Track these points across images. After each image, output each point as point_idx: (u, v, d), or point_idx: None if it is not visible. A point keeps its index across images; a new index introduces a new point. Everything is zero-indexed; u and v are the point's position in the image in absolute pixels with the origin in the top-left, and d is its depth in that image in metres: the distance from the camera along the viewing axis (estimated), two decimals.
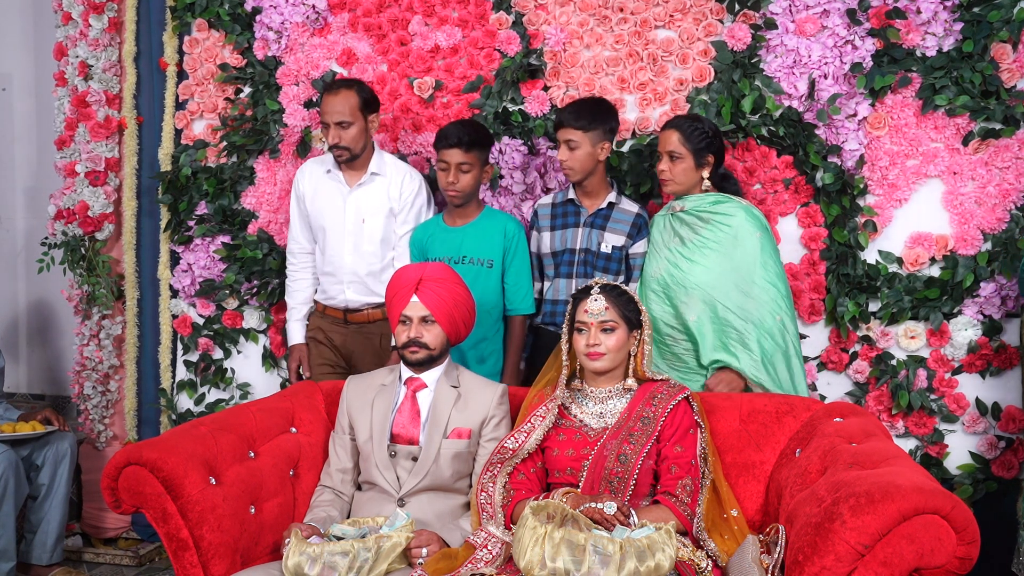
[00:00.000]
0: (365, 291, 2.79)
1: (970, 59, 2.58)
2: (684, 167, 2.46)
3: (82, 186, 3.26)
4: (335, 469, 2.17)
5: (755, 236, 2.41)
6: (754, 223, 2.43)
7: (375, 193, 2.78)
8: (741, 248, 2.41)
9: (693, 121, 2.48)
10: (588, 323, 2.04)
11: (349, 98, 2.69)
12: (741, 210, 2.44)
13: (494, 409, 2.14)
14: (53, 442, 2.95)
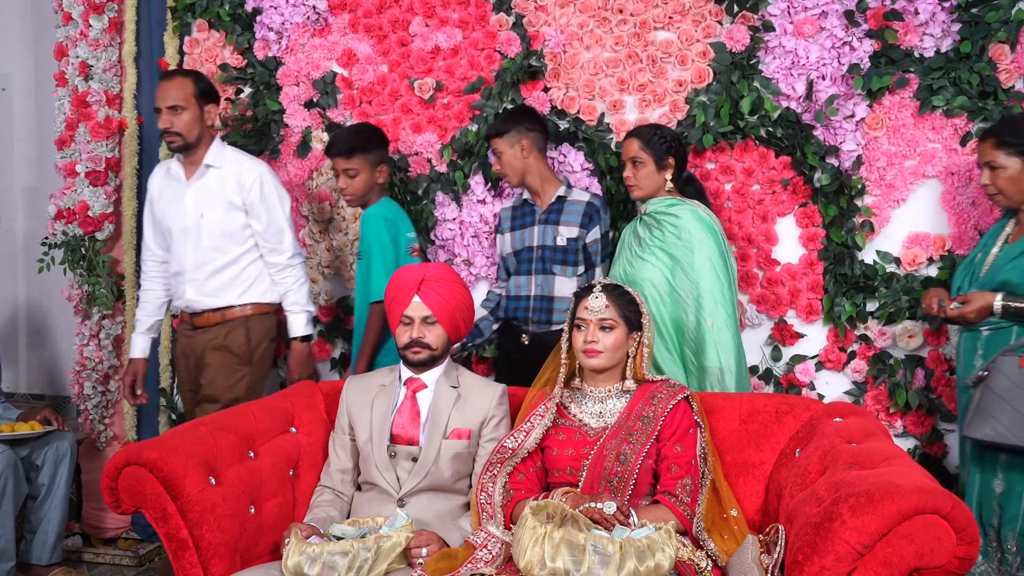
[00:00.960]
0: (204, 292, 2.74)
1: (968, 60, 2.58)
2: (647, 171, 2.55)
3: (82, 186, 3.26)
4: (335, 469, 2.17)
5: (698, 237, 2.47)
6: (700, 224, 2.49)
7: (211, 186, 2.73)
8: (684, 248, 2.47)
9: (652, 128, 2.59)
10: (587, 320, 2.04)
11: (184, 84, 2.68)
12: (688, 211, 2.51)
13: (494, 409, 2.14)
14: (53, 442, 2.95)
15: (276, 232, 2.74)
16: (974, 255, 2.38)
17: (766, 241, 2.79)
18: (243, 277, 2.75)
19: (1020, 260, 2.21)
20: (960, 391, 2.37)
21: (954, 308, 2.26)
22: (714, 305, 2.44)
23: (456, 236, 3.04)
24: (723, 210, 2.82)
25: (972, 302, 2.22)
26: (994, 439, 2.13)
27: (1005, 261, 2.25)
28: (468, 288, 2.23)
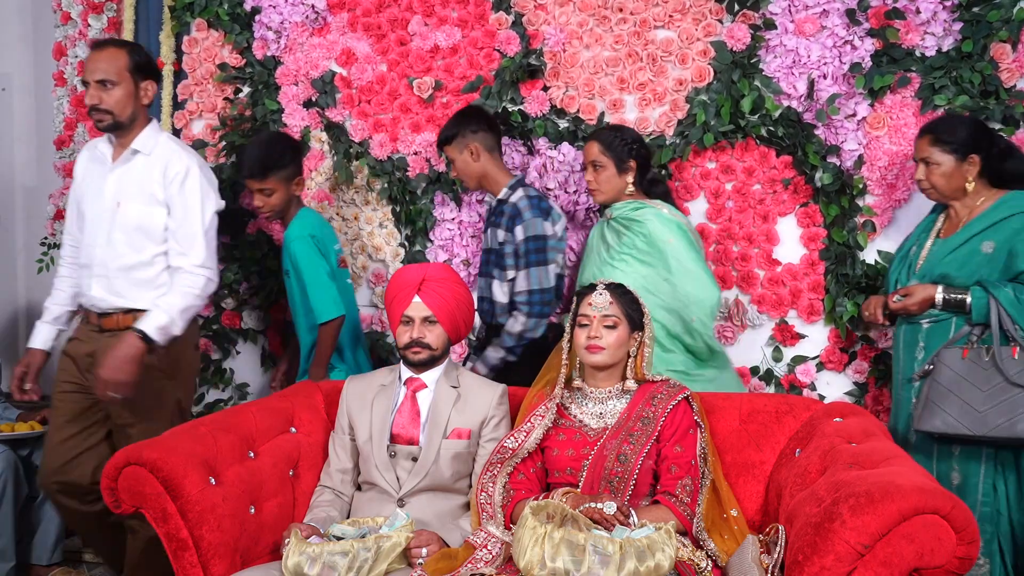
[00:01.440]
0: (112, 291, 2.43)
1: (969, 59, 2.58)
2: (607, 175, 2.54)
3: None
4: (335, 469, 2.17)
5: (667, 241, 2.47)
6: (667, 227, 2.48)
7: (134, 173, 2.44)
8: (655, 255, 2.47)
9: (613, 131, 2.58)
10: (591, 316, 2.04)
11: (117, 56, 2.39)
12: (653, 215, 2.50)
13: (494, 409, 2.14)
14: None
15: (188, 235, 2.42)
16: (907, 249, 2.43)
17: (767, 241, 2.79)
18: (160, 281, 2.44)
19: (957, 253, 2.27)
20: (899, 385, 2.39)
21: (897, 300, 2.30)
22: (697, 306, 2.45)
23: (455, 236, 3.03)
24: (724, 210, 2.82)
25: (915, 294, 2.27)
26: (944, 430, 2.17)
27: (942, 255, 2.30)
28: (468, 288, 2.22)
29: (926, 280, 2.30)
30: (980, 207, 2.29)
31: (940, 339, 2.26)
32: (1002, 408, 2.12)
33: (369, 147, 3.09)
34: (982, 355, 2.17)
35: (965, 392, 2.15)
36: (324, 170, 3.14)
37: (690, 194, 2.84)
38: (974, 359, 2.17)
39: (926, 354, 2.29)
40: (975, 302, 2.21)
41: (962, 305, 2.22)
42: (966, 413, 2.14)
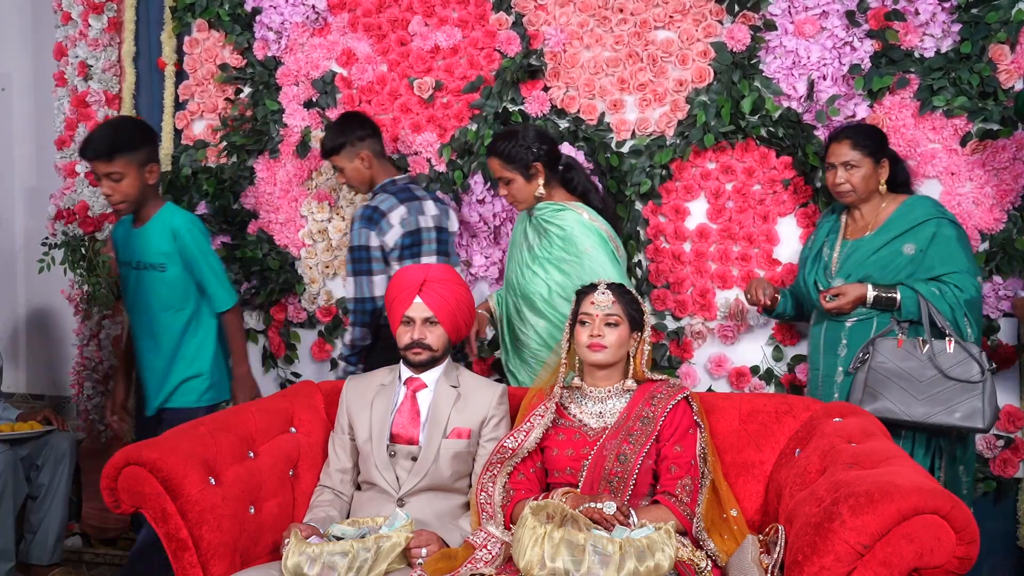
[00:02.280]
0: None
1: (968, 60, 2.58)
2: (517, 186, 2.49)
3: (82, 186, 3.26)
4: (334, 469, 2.17)
5: (586, 251, 2.44)
6: (586, 233, 2.45)
7: None
8: (574, 262, 2.44)
9: (508, 141, 2.48)
10: (594, 315, 2.04)
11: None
12: (574, 219, 2.47)
13: (494, 409, 2.14)
14: (53, 442, 2.95)
15: None
16: (817, 251, 2.49)
17: (767, 241, 2.79)
18: None
19: (880, 255, 2.36)
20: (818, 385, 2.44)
21: (830, 300, 2.35)
22: None
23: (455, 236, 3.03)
24: (724, 210, 2.82)
25: (847, 294, 2.33)
26: (884, 415, 2.23)
27: (864, 256, 2.38)
28: (468, 288, 2.23)
29: (851, 280, 2.37)
30: (886, 210, 2.41)
31: (863, 337, 2.35)
32: (937, 398, 2.24)
33: None
34: (916, 346, 2.27)
35: (903, 380, 2.26)
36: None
37: (690, 194, 2.84)
38: (909, 349, 2.28)
39: (849, 352, 2.37)
40: (905, 300, 2.30)
41: (892, 303, 2.31)
42: (904, 399, 2.25)
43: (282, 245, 3.20)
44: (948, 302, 2.28)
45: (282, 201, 3.19)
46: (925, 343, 2.26)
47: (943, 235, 2.31)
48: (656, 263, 2.89)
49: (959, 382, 2.22)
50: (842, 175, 2.39)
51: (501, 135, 2.56)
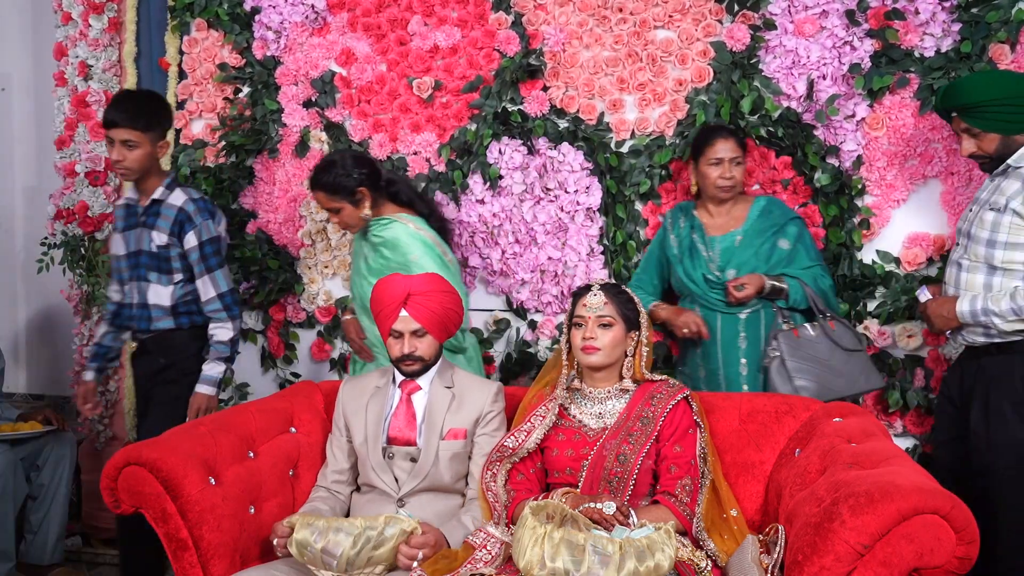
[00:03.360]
0: None
1: (968, 60, 2.58)
2: (346, 213, 2.55)
3: (82, 186, 3.26)
4: (331, 470, 2.17)
5: (412, 259, 2.50)
6: (413, 243, 2.52)
7: None
8: (401, 269, 2.48)
9: (328, 173, 2.52)
10: (586, 317, 2.04)
11: None
12: (400, 230, 2.54)
13: (489, 406, 2.15)
14: (53, 442, 2.95)
15: None
16: (686, 248, 2.60)
17: None
18: None
19: (762, 249, 2.52)
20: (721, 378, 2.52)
21: (739, 289, 2.46)
22: None
23: (454, 236, 3.03)
24: None
25: (751, 283, 2.45)
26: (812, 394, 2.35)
27: (748, 251, 2.53)
28: (456, 293, 2.19)
29: (741, 273, 2.49)
30: (739, 208, 2.60)
31: (755, 327, 2.49)
32: (845, 370, 2.43)
33: (369, 147, 3.09)
34: (807, 332, 2.44)
35: (813, 362, 2.42)
36: None
37: (690, 194, 2.84)
38: (806, 335, 2.44)
39: (748, 344, 2.50)
40: (792, 289, 2.47)
41: (781, 291, 2.46)
42: (823, 378, 2.40)
43: (281, 245, 3.19)
44: (822, 287, 2.50)
45: (281, 201, 3.19)
46: (816, 325, 2.44)
47: (805, 234, 2.57)
48: None
49: (851, 351, 2.44)
50: (729, 171, 2.52)
51: (320, 168, 2.57)
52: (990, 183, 2.25)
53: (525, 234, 2.94)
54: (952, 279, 2.28)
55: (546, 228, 2.93)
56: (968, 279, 2.22)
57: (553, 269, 2.94)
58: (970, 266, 2.22)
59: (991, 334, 2.18)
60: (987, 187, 2.26)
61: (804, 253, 2.54)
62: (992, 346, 2.19)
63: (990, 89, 2.15)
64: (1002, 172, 2.21)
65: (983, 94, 2.14)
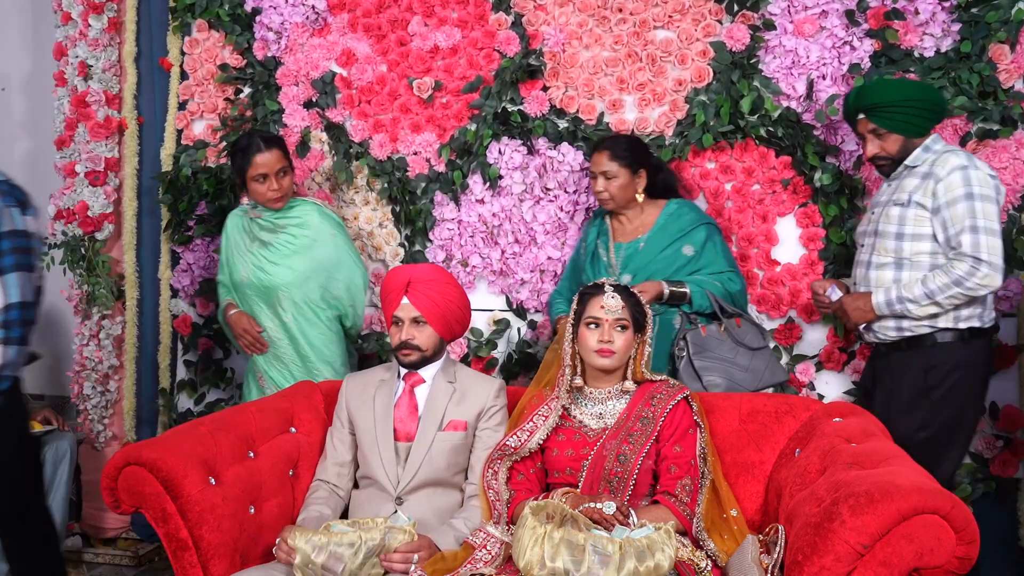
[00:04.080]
0: None
1: (968, 60, 2.58)
2: (291, 178, 2.68)
3: (82, 186, 3.25)
4: (332, 463, 2.17)
5: (331, 235, 2.69)
6: (329, 223, 2.70)
7: None
8: (321, 248, 2.67)
9: (278, 138, 2.71)
10: (604, 319, 2.03)
11: None
12: (316, 212, 2.70)
13: (492, 400, 2.15)
14: (53, 442, 2.95)
15: None
16: (591, 254, 2.64)
17: (766, 241, 2.79)
18: None
19: (664, 255, 2.54)
20: None
21: None
22: (359, 293, 2.72)
23: (454, 236, 3.03)
24: (723, 210, 2.82)
25: (648, 290, 2.43)
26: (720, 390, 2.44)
27: (649, 256, 2.55)
28: (461, 288, 2.23)
29: (638, 279, 2.50)
30: (650, 214, 2.60)
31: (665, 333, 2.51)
32: (751, 367, 2.49)
33: (369, 147, 3.09)
34: (713, 331, 2.50)
35: (720, 360, 2.48)
36: (324, 170, 3.15)
37: (689, 194, 2.84)
38: (712, 335, 2.49)
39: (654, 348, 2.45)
40: (694, 294, 2.49)
41: (683, 296, 2.49)
42: (730, 374, 2.47)
43: None
44: (728, 290, 2.53)
45: None
46: (723, 325, 2.50)
47: (713, 240, 2.58)
48: None
49: (756, 349, 2.51)
50: (601, 184, 2.55)
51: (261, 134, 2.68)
52: (887, 187, 2.37)
53: (525, 234, 2.95)
54: (861, 279, 2.38)
55: (546, 228, 2.93)
56: (878, 276, 2.32)
57: (553, 269, 2.94)
58: (880, 263, 2.32)
59: (902, 328, 2.29)
60: (884, 191, 2.38)
61: (712, 260, 2.56)
62: (902, 341, 2.30)
63: (898, 92, 2.28)
64: (899, 175, 2.33)
65: (892, 96, 2.26)
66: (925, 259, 2.26)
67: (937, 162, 2.25)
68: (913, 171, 2.30)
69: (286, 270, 2.64)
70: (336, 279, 2.68)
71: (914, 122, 2.26)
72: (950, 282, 2.19)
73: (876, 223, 2.35)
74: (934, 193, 2.22)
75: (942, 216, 2.21)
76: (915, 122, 2.26)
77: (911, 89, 2.31)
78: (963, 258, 2.18)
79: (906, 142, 2.29)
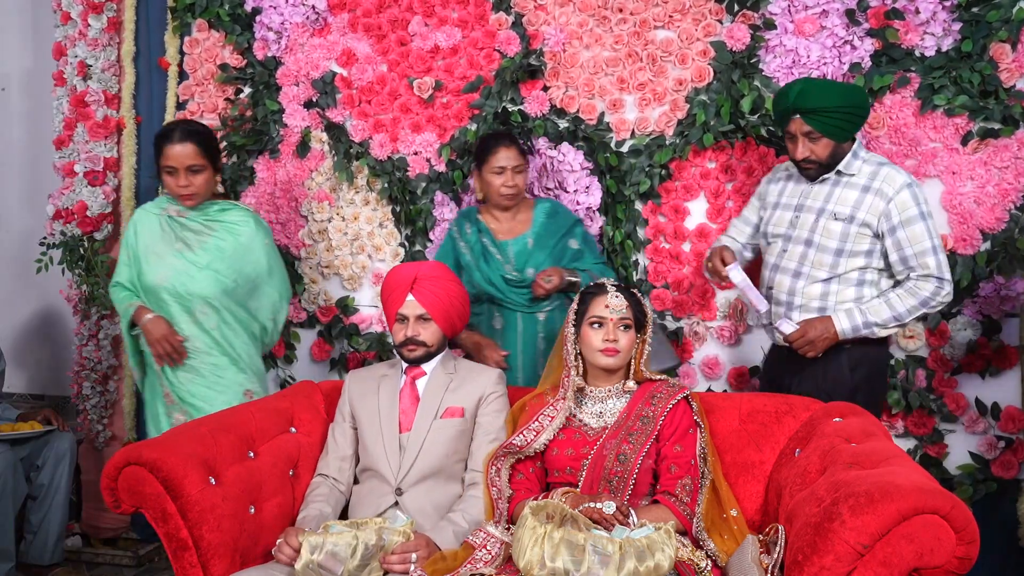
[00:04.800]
0: None
1: (969, 59, 2.58)
2: (205, 177, 2.49)
3: (81, 186, 3.25)
4: (334, 457, 2.18)
5: (263, 244, 2.56)
6: (264, 232, 2.59)
7: None
8: (251, 256, 2.53)
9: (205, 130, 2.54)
10: (608, 319, 2.04)
11: None
12: (251, 219, 2.57)
13: (492, 387, 2.17)
14: (53, 442, 2.95)
15: None
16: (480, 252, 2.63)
17: None
18: None
19: (555, 250, 2.61)
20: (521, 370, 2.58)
21: (548, 281, 2.53)
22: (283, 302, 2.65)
23: None
24: (724, 210, 2.82)
25: (556, 275, 2.52)
26: None
27: (542, 252, 2.60)
28: (462, 285, 2.26)
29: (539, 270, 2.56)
30: (523, 211, 2.68)
31: (553, 325, 2.56)
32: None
33: (369, 147, 3.09)
34: None
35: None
36: (324, 170, 3.15)
37: (690, 194, 2.84)
38: None
39: (547, 343, 2.57)
40: (585, 281, 2.51)
41: (574, 286, 2.54)
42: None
43: (282, 245, 3.19)
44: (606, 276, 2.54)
45: (282, 201, 3.19)
46: None
47: (588, 235, 2.72)
48: (655, 263, 2.89)
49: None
50: (512, 179, 2.59)
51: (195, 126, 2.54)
52: (811, 189, 2.36)
53: None
54: (785, 287, 2.37)
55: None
56: (807, 289, 2.34)
57: None
58: (811, 275, 2.33)
59: None
60: (810, 193, 2.37)
61: (590, 252, 2.68)
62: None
63: (836, 96, 2.26)
64: (832, 180, 2.33)
65: (833, 100, 2.25)
66: (855, 275, 2.31)
67: (879, 177, 2.27)
68: (850, 181, 2.31)
69: (212, 275, 2.46)
70: (263, 290, 2.57)
71: (846, 128, 2.27)
72: (918, 304, 2.24)
73: (809, 232, 2.33)
74: (886, 214, 2.24)
75: (897, 237, 2.24)
76: (847, 128, 2.27)
77: (847, 94, 2.29)
78: (929, 279, 2.23)
79: (836, 147, 2.29)
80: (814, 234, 2.32)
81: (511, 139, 2.65)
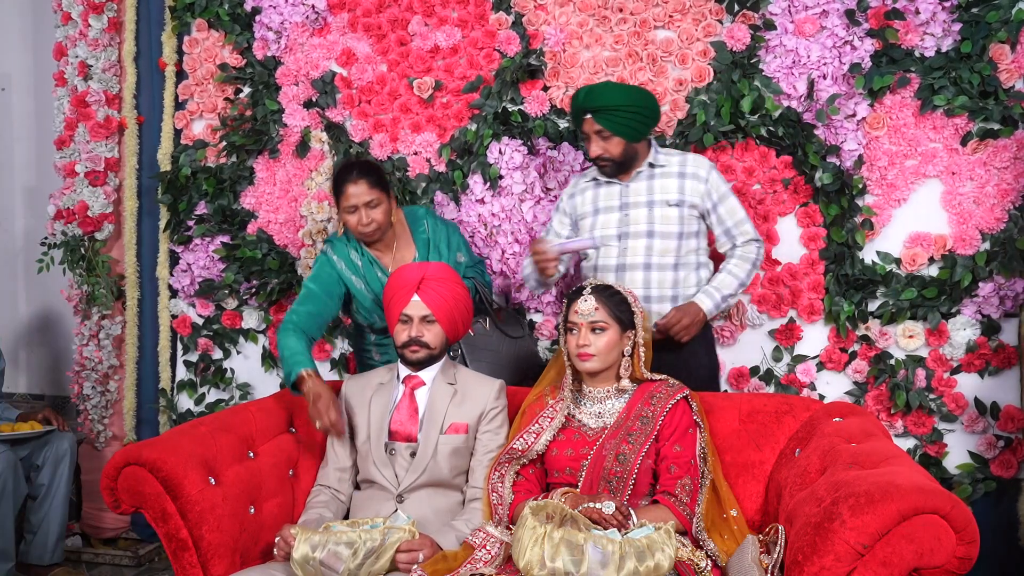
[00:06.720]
0: None
1: (968, 59, 2.58)
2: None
3: (82, 186, 3.26)
4: (333, 468, 2.17)
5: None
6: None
7: None
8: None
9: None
10: (578, 323, 2.04)
11: None
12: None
13: (493, 402, 2.15)
14: (53, 442, 2.95)
15: None
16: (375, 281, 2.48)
17: (767, 241, 2.78)
18: None
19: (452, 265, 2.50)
20: None
21: None
22: None
23: None
24: None
25: None
26: None
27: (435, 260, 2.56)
28: (466, 287, 2.23)
29: None
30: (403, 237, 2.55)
31: None
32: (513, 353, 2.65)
33: (369, 147, 3.09)
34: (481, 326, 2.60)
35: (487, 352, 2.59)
36: (324, 170, 3.15)
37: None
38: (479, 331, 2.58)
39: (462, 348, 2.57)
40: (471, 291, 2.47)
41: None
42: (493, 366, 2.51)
43: (282, 245, 3.19)
44: (485, 281, 2.69)
45: (282, 201, 3.19)
46: (488, 319, 2.61)
47: (463, 239, 2.68)
48: None
49: (517, 338, 2.66)
50: (367, 216, 2.40)
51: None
52: (628, 187, 2.44)
53: (525, 234, 2.94)
54: (638, 281, 2.41)
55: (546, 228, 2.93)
56: (660, 278, 2.41)
57: None
58: (660, 263, 2.41)
59: None
60: (629, 191, 2.44)
61: (470, 253, 2.68)
62: None
63: (624, 97, 2.35)
64: (647, 174, 2.43)
65: (618, 100, 2.34)
66: (692, 258, 2.44)
67: (688, 163, 2.44)
68: (664, 171, 2.43)
69: None
70: None
71: (635, 126, 2.36)
72: (750, 267, 2.43)
73: (647, 223, 2.40)
74: (707, 194, 2.41)
75: (719, 212, 2.42)
76: (636, 127, 2.36)
77: (635, 96, 2.38)
78: (750, 243, 2.43)
79: (627, 146, 2.38)
80: (653, 224, 2.40)
81: (361, 170, 2.41)
